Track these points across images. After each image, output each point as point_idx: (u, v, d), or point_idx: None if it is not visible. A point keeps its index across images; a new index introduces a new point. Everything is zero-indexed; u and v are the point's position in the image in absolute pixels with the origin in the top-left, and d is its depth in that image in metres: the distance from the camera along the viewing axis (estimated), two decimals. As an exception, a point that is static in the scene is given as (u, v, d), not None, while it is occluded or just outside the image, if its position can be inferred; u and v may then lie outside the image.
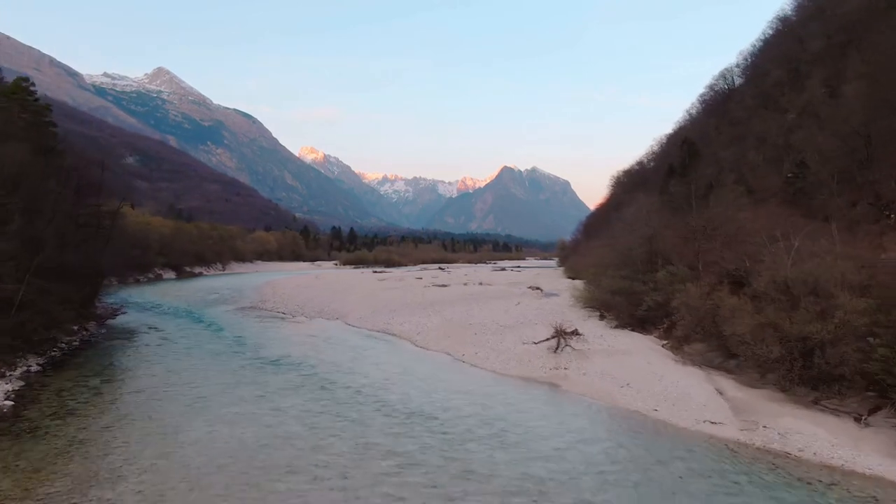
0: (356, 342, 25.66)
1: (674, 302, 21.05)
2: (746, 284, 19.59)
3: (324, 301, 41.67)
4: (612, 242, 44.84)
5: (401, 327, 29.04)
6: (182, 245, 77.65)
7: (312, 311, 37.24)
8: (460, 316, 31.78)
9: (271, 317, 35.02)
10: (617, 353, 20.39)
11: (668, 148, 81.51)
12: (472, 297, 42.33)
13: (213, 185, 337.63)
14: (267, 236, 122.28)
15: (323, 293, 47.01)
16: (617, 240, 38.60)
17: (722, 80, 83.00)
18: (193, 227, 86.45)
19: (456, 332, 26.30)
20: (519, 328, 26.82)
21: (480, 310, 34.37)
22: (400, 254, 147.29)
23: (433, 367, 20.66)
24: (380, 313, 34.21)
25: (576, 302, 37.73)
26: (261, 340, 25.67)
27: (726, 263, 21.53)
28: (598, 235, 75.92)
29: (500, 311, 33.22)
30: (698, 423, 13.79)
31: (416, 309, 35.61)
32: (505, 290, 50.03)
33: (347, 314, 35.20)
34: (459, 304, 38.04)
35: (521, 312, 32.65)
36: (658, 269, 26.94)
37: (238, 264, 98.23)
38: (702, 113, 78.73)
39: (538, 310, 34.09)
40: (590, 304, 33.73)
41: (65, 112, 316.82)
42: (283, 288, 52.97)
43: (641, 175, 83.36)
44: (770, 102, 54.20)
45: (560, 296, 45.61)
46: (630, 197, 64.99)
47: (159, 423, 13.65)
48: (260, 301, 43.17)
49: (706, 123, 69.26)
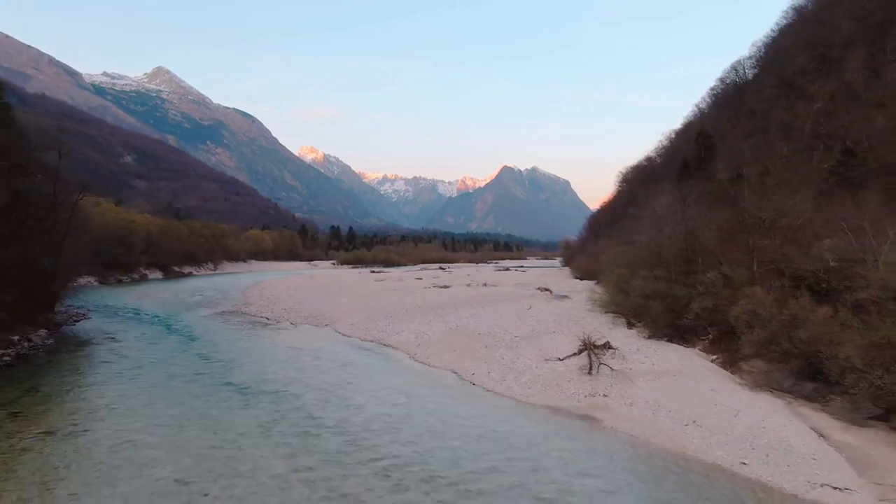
0: (347, 357, 21.50)
1: (734, 310, 16.92)
2: (828, 289, 15.56)
3: (314, 304, 37.58)
4: (629, 240, 40.83)
5: (398, 337, 24.94)
6: (170, 244, 73.49)
7: (300, 316, 33.12)
8: (466, 322, 27.66)
9: (253, 323, 30.89)
10: (666, 375, 16.28)
11: (677, 143, 78.04)
12: (477, 300, 38.24)
13: (212, 185, 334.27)
14: (262, 235, 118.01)
15: (314, 295, 42.91)
16: (640, 236, 34.57)
17: (733, 73, 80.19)
18: (183, 226, 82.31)
19: (462, 344, 22.20)
20: (536, 338, 22.74)
21: (488, 315, 30.26)
22: (399, 253, 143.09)
23: (441, 393, 16.39)
24: (375, 319, 30.11)
25: (594, 305, 33.70)
26: (233, 355, 21.53)
27: (793, 262, 17.50)
28: (608, 234, 72.06)
29: (510, 317, 29.10)
30: (814, 488, 9.68)
31: (416, 314, 31.52)
32: (512, 291, 45.93)
33: (339, 320, 31.09)
34: (464, 307, 33.95)
35: (536, 318, 28.52)
36: (697, 270, 22.91)
37: (231, 264, 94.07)
38: (713, 107, 75.70)
39: (554, 315, 29.98)
40: (613, 308, 29.65)
41: (62, 111, 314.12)
42: (273, 289, 48.86)
43: (651, 171, 79.73)
44: (793, 91, 50.38)
45: (572, 298, 41.55)
46: (645, 191, 61.39)
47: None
48: (244, 304, 39.07)
49: (718, 117, 65.67)
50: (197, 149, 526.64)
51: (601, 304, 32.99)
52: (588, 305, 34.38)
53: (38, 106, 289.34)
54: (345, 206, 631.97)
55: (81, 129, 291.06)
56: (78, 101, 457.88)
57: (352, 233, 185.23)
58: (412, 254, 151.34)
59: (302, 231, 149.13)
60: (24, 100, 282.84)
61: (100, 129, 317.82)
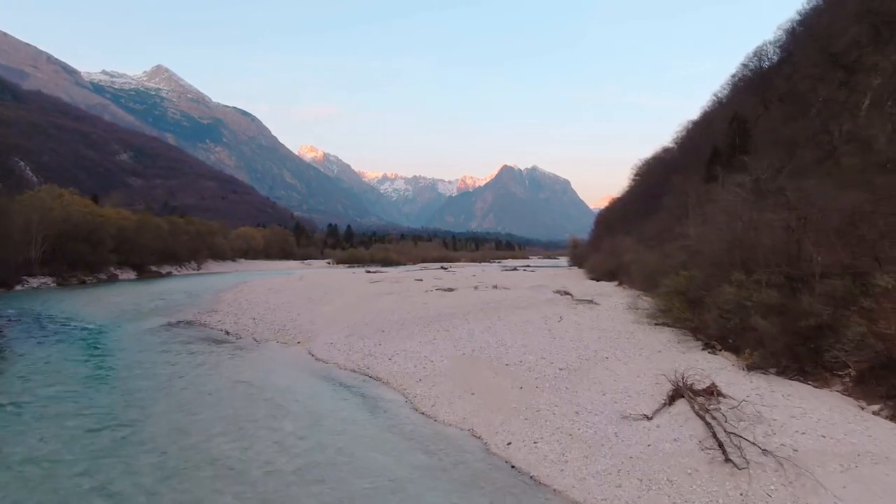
0: (314, 404, 14.14)
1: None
2: None
3: (291, 313, 30.38)
4: (674, 236, 33.66)
5: (391, 365, 17.72)
6: (147, 241, 66.28)
7: (269, 329, 25.92)
8: (482, 341, 20.47)
9: (205, 339, 23.67)
10: (861, 459, 9.12)
11: (693, 134, 71.89)
12: (490, 307, 31.09)
13: (209, 183, 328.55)
14: (253, 232, 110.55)
15: (295, 300, 35.73)
16: (695, 231, 27.45)
17: (756, 60, 75.02)
18: (164, 222, 75.07)
19: (483, 381, 15.04)
20: (589, 370, 15.60)
21: (509, 329, 23.11)
22: (398, 252, 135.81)
23: (464, 495, 9.26)
24: (363, 335, 22.92)
25: (638, 315, 26.64)
26: (147, 401, 14.27)
27: None
28: (625, 230, 65.19)
29: (540, 333, 21.93)
30: None
31: (415, 327, 24.36)
32: (528, 295, 38.75)
33: (316, 335, 23.92)
34: (476, 317, 26.82)
35: (573, 334, 21.35)
36: (811, 273, 15.80)
37: (217, 263, 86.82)
38: (736, 94, 69.77)
39: (594, 329, 22.80)
40: (671, 321, 22.52)
41: (58, 108, 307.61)
42: (251, 293, 41.70)
43: (670, 162, 73.05)
44: (839, 67, 43.61)
45: (600, 304, 34.36)
46: (665, 183, 54.74)
47: None
48: (209, 311, 31.86)
49: (742, 104, 58.91)
50: (196, 147, 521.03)
51: (648, 315, 25.97)
52: (628, 314, 27.33)
53: (33, 103, 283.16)
54: (344, 205, 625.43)
55: (77, 126, 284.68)
56: (76, 99, 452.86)
57: (350, 231, 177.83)
58: (412, 253, 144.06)
59: (297, 229, 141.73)
60: (19, 96, 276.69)
61: (95, 127, 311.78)
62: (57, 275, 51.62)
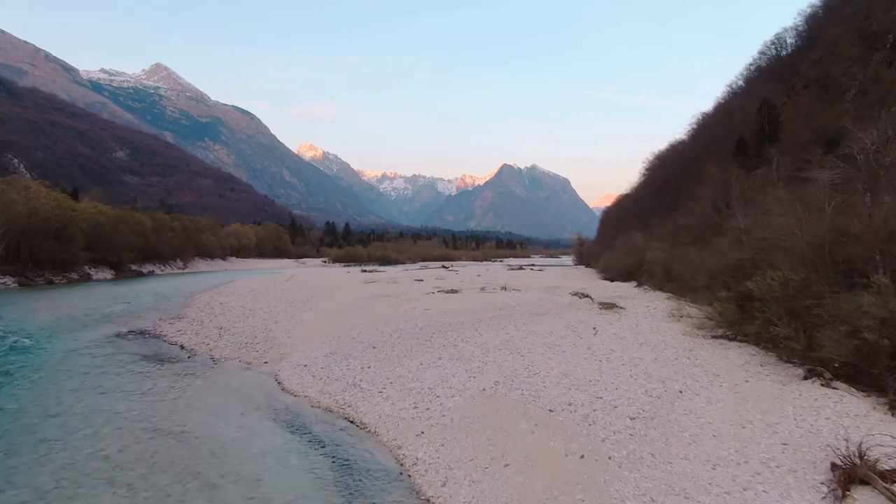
0: (261, 485, 9.16)
1: None
2: None
3: (268, 320, 25.33)
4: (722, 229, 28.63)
5: (381, 405, 12.50)
6: (125, 238, 61.13)
7: (235, 342, 20.85)
8: (506, 366, 15.42)
9: (151, 358, 18.59)
10: None
11: (709, 126, 67.16)
12: (503, 313, 26.09)
13: (207, 181, 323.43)
14: (245, 230, 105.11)
15: (277, 304, 30.66)
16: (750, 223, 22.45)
17: (773, 48, 70.61)
18: (147, 218, 69.86)
19: (519, 439, 9.94)
20: (670, 418, 10.61)
21: (533, 345, 18.10)
22: (397, 250, 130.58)
23: None
24: (348, 353, 17.85)
25: (687, 325, 21.77)
26: (17, 461, 9.30)
27: None
28: (641, 227, 60.35)
29: (577, 351, 16.89)
30: None
31: (415, 341, 19.33)
32: (544, 299, 33.71)
33: (291, 352, 18.87)
34: (488, 327, 21.83)
35: (624, 355, 16.30)
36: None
37: (206, 262, 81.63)
38: (754, 82, 65.22)
39: (647, 347, 17.76)
40: (743, 335, 17.55)
41: (53, 105, 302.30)
42: (228, 295, 36.66)
43: (687, 154, 68.19)
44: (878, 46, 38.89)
45: (625, 307, 29.38)
46: (684, 177, 50.08)
47: None
48: (173, 318, 26.79)
49: (763, 91, 53.96)
50: (195, 146, 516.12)
51: (698, 325, 21.11)
52: (671, 323, 22.42)
53: (28, 100, 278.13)
54: (343, 203, 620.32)
55: (72, 124, 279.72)
56: (75, 97, 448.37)
57: (348, 229, 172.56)
58: (411, 251, 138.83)
59: (292, 226, 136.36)
60: (14, 93, 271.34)
61: (92, 124, 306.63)
62: (20, 274, 46.51)
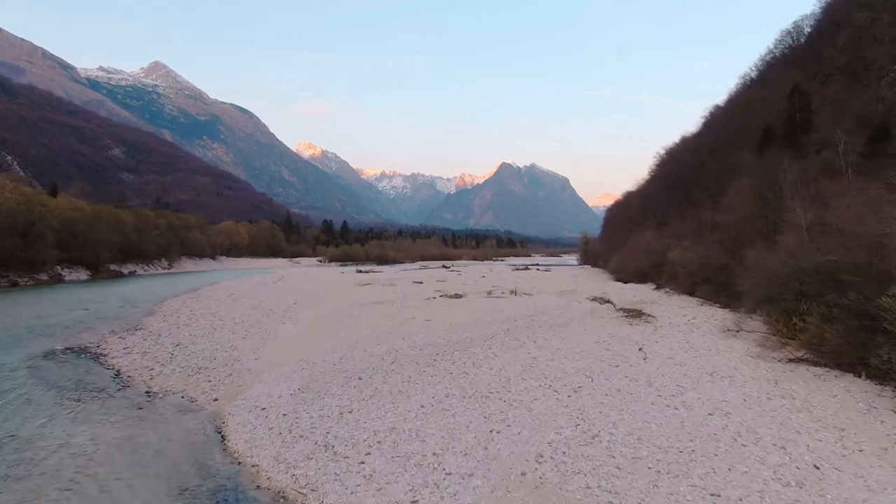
0: None
1: None
2: None
3: (237, 333, 20.86)
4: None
5: (359, 495, 8.06)
6: (104, 236, 56.54)
7: (186, 366, 16.39)
8: (535, 411, 11.07)
9: (71, 391, 14.02)
10: None
11: (723, 119, 62.99)
12: (518, 325, 21.66)
13: (204, 178, 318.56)
14: (236, 228, 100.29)
15: (252, 313, 26.20)
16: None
17: (789, 37, 66.69)
18: (128, 214, 65.22)
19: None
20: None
21: (566, 375, 13.68)
22: (396, 249, 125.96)
23: None
24: (324, 387, 13.28)
25: (752, 343, 17.48)
26: None
27: None
28: (658, 224, 55.99)
29: (634, 389, 12.46)
30: None
31: (413, 367, 14.88)
32: (560, 305, 29.27)
33: (251, 383, 14.37)
34: (504, 346, 17.41)
35: (701, 395, 11.87)
36: None
37: (193, 261, 77.02)
38: (772, 70, 61.35)
39: (722, 380, 13.34)
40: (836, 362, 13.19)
41: (49, 102, 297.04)
42: (203, 300, 32.19)
43: (703, 148, 63.97)
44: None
45: (655, 316, 25.01)
46: (699, 169, 46.11)
47: None
48: (128, 330, 22.30)
49: (784, 81, 49.69)
50: (193, 144, 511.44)
51: (769, 345, 16.82)
52: (725, 339, 18.09)
53: (24, 97, 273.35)
54: (342, 202, 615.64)
55: (68, 121, 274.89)
56: (73, 94, 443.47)
57: (345, 227, 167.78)
58: (410, 250, 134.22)
59: (287, 224, 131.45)
60: (9, 91, 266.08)
61: (87, 121, 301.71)
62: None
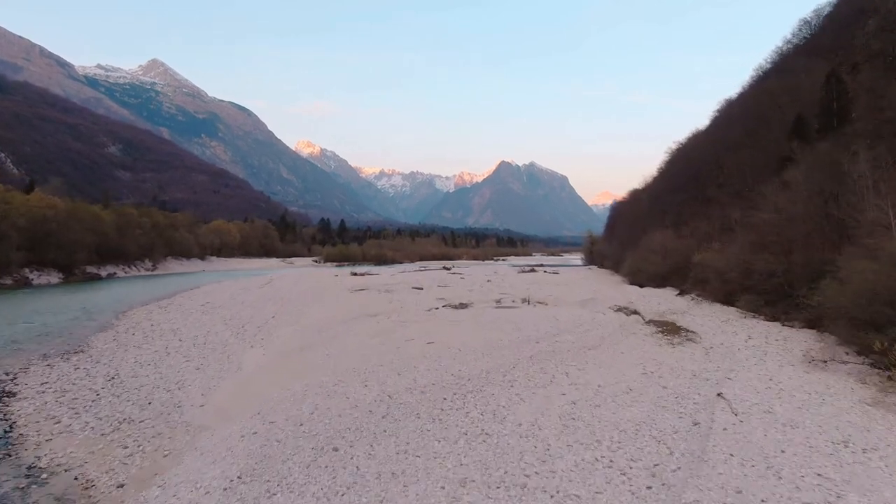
0: None
1: None
2: None
3: (190, 362, 16.43)
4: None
5: None
6: (77, 236, 52.08)
7: (108, 416, 11.95)
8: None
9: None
10: None
11: (739, 110, 59.28)
12: (542, 350, 17.26)
13: (201, 176, 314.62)
14: (227, 227, 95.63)
15: (220, 331, 21.78)
16: None
17: (808, 26, 63.86)
18: (108, 213, 60.72)
19: None
20: None
21: (625, 437, 9.39)
22: (394, 248, 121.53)
23: None
24: (279, 473, 8.72)
25: (855, 381, 13.03)
26: None
27: None
28: (676, 223, 51.70)
29: (747, 474, 8.25)
30: None
31: (411, 428, 10.43)
32: (584, 319, 24.83)
33: (182, 452, 9.95)
34: (526, 381, 13.01)
35: (863, 499, 7.67)
36: None
37: (180, 262, 72.55)
38: (789, 60, 58.38)
39: (854, 453, 9.12)
40: None
41: (44, 99, 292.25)
42: (171, 311, 27.78)
43: (721, 142, 60.08)
44: None
45: (695, 331, 20.62)
46: (715, 163, 42.76)
47: None
48: (64, 353, 17.81)
49: (810, 69, 45.49)
50: (191, 142, 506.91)
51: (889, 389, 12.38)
52: (819, 371, 13.71)
53: (18, 94, 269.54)
54: (341, 200, 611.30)
55: (63, 118, 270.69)
56: (70, 92, 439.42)
57: (343, 226, 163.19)
58: (409, 249, 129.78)
59: (282, 223, 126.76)
60: (4, 87, 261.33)
61: (83, 118, 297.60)
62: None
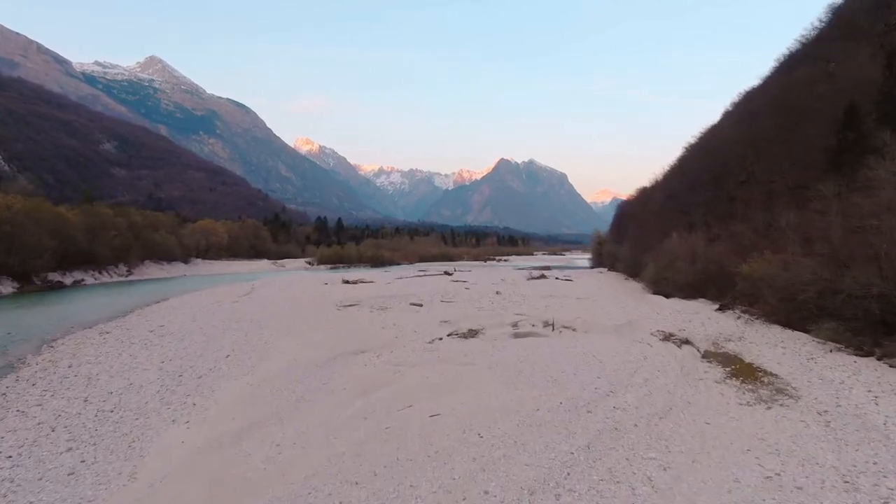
0: None
1: None
2: None
3: (73, 456, 10.60)
4: None
5: None
6: (35, 239, 46.05)
7: None
8: None
9: None
10: None
11: (753, 106, 53.90)
12: (597, 425, 11.26)
13: (198, 174, 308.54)
14: (214, 227, 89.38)
15: (147, 384, 15.83)
16: None
17: (831, 11, 57.87)
18: (75, 213, 54.73)
19: None
20: None
21: None
22: (392, 248, 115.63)
23: None
24: None
25: None
26: None
27: None
28: (707, 225, 45.99)
29: None
30: None
31: None
32: (635, 357, 18.89)
33: None
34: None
35: None
36: None
37: (160, 266, 66.51)
38: (824, 41, 52.90)
39: None
40: None
41: (39, 95, 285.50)
42: (109, 342, 21.82)
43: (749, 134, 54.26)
44: None
45: (779, 375, 14.64)
46: (750, 156, 36.99)
47: None
48: None
49: (850, 56, 39.79)
50: (189, 139, 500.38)
51: None
52: None
53: (13, 90, 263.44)
54: (340, 198, 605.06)
55: (58, 115, 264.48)
56: (68, 89, 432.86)
57: (340, 224, 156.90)
58: (407, 249, 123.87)
59: (276, 221, 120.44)
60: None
61: (78, 115, 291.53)
62: None
